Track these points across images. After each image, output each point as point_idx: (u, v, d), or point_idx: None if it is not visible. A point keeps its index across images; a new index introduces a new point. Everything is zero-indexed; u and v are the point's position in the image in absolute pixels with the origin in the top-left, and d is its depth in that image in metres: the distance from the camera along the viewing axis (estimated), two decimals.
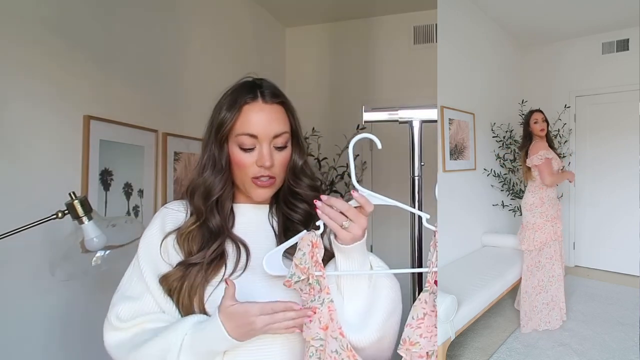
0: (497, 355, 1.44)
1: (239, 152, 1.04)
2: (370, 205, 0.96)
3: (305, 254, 0.93)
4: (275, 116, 1.04)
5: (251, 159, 1.03)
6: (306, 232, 0.97)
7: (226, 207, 1.08)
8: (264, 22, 3.64)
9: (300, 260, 0.93)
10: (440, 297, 0.98)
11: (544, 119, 1.62)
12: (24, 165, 1.76)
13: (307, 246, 0.94)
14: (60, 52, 1.91)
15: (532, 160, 1.59)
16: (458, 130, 1.61)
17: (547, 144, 1.61)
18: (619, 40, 1.61)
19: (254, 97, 1.04)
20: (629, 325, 1.43)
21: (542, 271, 1.60)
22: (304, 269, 0.93)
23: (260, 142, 1.03)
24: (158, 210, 1.13)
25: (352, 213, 0.94)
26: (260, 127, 1.02)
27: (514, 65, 1.84)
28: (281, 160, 1.06)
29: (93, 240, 1.38)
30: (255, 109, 1.03)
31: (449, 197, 1.49)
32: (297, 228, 1.08)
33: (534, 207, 1.61)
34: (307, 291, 0.94)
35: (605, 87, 1.65)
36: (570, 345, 1.46)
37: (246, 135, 1.02)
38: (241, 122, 1.03)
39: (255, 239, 1.08)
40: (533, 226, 1.60)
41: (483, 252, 1.75)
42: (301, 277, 0.94)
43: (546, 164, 1.58)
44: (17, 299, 1.72)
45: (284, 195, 1.11)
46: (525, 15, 1.72)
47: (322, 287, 0.94)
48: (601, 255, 1.69)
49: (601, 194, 1.69)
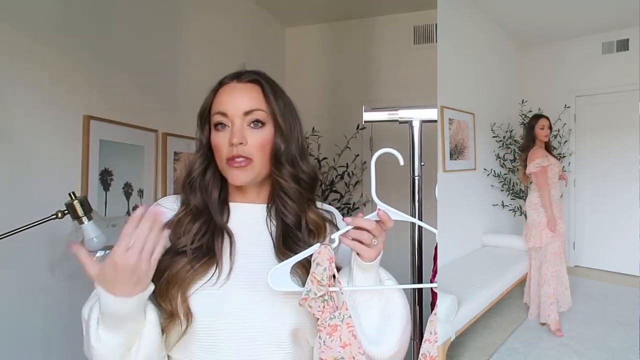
0: (497, 355, 1.44)
1: (214, 133, 1.03)
2: (391, 222, 0.93)
3: (326, 269, 0.89)
4: (247, 93, 1.03)
5: (224, 139, 1.01)
6: (320, 244, 0.92)
7: (212, 194, 1.04)
8: (264, 22, 3.64)
9: (321, 275, 0.88)
10: (440, 297, 0.98)
11: (549, 125, 1.63)
12: (24, 165, 1.76)
13: (327, 261, 0.89)
14: (61, 52, 1.91)
15: (529, 168, 1.61)
16: (458, 130, 1.61)
17: (545, 151, 1.63)
18: (619, 40, 1.61)
19: (230, 79, 1.06)
20: (629, 325, 1.43)
21: (546, 266, 1.62)
22: (325, 285, 0.89)
23: (232, 120, 1.01)
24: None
25: (377, 230, 0.92)
26: (230, 104, 1.02)
27: (514, 65, 1.84)
28: (257, 139, 1.00)
29: (93, 240, 1.38)
30: (228, 88, 1.04)
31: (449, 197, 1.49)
32: (296, 234, 1.02)
33: (538, 207, 1.62)
34: (320, 308, 0.89)
35: (605, 87, 1.65)
36: (570, 345, 1.46)
37: (218, 114, 1.02)
38: (215, 102, 1.04)
39: (249, 240, 1.03)
40: (539, 225, 1.61)
41: (483, 252, 1.75)
42: (318, 293, 0.88)
43: (542, 172, 1.61)
44: (17, 299, 1.72)
45: (276, 188, 1.05)
46: (525, 15, 1.72)
47: (340, 304, 0.90)
48: (601, 255, 1.69)
49: (601, 194, 1.69)
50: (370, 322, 0.96)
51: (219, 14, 3.05)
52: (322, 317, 0.89)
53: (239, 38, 3.27)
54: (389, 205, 0.94)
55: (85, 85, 2.02)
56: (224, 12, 3.11)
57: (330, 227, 1.07)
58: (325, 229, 1.06)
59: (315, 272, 0.89)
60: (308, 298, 0.88)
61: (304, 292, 0.88)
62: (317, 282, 0.88)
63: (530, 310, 1.62)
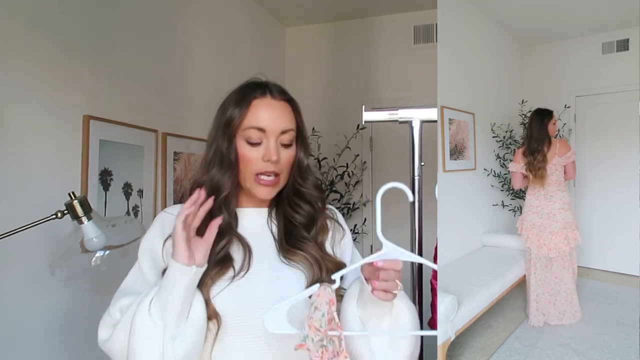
0: (497, 355, 1.44)
1: (246, 147, 1.03)
2: (400, 264, 0.89)
3: (325, 314, 0.84)
4: (283, 112, 1.05)
5: (257, 154, 1.03)
6: (319, 285, 0.88)
7: (232, 205, 1.07)
8: (264, 22, 3.64)
9: (319, 322, 0.83)
10: (440, 297, 0.97)
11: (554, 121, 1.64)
12: (24, 165, 1.76)
13: (326, 305, 0.84)
14: (61, 52, 1.91)
15: (568, 158, 1.59)
16: (458, 130, 1.61)
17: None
18: (619, 40, 1.61)
19: (263, 93, 1.05)
20: (629, 325, 1.44)
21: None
22: (324, 331, 0.83)
23: (268, 137, 1.03)
24: (157, 216, 1.11)
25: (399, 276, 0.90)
26: (269, 121, 1.03)
27: (514, 65, 1.84)
28: (287, 157, 1.05)
29: (93, 240, 1.38)
30: (264, 103, 1.04)
31: (449, 197, 1.49)
32: (300, 233, 1.07)
33: (571, 206, 1.64)
34: (318, 354, 0.84)
35: (605, 87, 1.65)
36: (570, 345, 1.46)
37: (254, 129, 1.02)
38: (250, 116, 1.03)
39: (255, 242, 1.07)
40: (575, 225, 1.64)
41: (483, 252, 1.75)
42: (315, 339, 0.83)
43: (574, 163, 1.62)
44: (17, 299, 1.72)
45: (288, 195, 1.10)
46: (525, 16, 1.72)
47: (340, 350, 0.84)
48: (601, 256, 1.69)
49: (601, 194, 1.69)
50: (380, 344, 0.97)
51: (219, 13, 3.05)
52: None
53: (239, 38, 3.27)
54: (393, 240, 0.88)
55: (85, 85, 2.02)
56: (224, 11, 3.11)
57: (331, 223, 1.12)
58: (327, 226, 1.11)
59: (313, 317, 0.84)
60: (304, 345, 0.84)
61: (301, 339, 0.84)
62: (315, 328, 0.84)
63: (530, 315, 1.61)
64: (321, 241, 1.09)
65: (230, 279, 1.00)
